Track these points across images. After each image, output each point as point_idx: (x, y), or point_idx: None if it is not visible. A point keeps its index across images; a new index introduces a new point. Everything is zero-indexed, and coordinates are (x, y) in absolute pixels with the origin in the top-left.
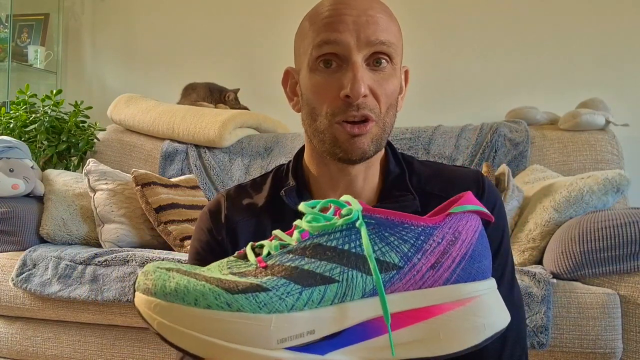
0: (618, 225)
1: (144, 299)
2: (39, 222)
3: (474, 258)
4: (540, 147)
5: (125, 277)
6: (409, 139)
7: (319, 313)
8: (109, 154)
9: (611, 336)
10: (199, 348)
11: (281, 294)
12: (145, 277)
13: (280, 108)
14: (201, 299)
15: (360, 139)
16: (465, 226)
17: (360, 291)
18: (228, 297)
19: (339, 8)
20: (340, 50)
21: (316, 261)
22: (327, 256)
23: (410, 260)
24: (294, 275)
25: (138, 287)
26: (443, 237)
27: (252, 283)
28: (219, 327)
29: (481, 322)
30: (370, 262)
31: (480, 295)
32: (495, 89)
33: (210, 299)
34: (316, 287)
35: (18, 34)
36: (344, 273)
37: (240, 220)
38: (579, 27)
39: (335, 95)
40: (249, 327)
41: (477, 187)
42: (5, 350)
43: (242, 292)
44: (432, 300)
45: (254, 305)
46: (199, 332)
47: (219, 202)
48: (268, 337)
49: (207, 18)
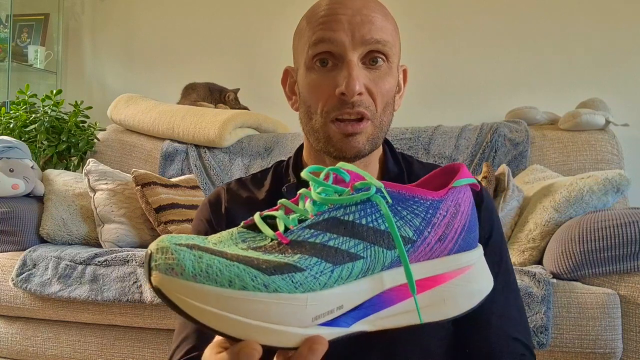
0: (618, 225)
1: (167, 280)
2: (39, 222)
3: (470, 229)
4: (540, 147)
5: (125, 277)
6: (409, 139)
7: (347, 288)
8: (109, 154)
9: (611, 336)
10: (236, 329)
11: (315, 273)
12: (165, 255)
13: (280, 108)
14: (236, 280)
15: (355, 137)
16: (463, 198)
17: (381, 265)
18: (265, 278)
19: (334, 8)
20: (336, 49)
21: (339, 237)
22: (347, 231)
23: (422, 234)
24: (323, 253)
25: (157, 267)
26: (447, 210)
27: (287, 263)
28: (257, 308)
29: (476, 288)
30: (395, 238)
31: (474, 263)
32: (495, 89)
33: (247, 281)
34: (345, 265)
35: (18, 34)
36: (367, 249)
37: (240, 213)
38: (579, 27)
39: (330, 93)
40: (286, 307)
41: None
42: (5, 350)
43: (278, 273)
44: (439, 270)
45: (290, 286)
46: (235, 313)
47: (219, 194)
48: (304, 315)
49: (207, 18)
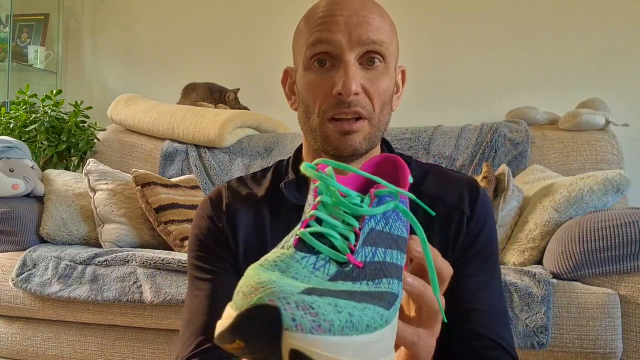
0: (618, 225)
1: (314, 341)
2: (39, 222)
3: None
4: (540, 147)
5: (125, 277)
6: (408, 139)
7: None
8: (109, 154)
9: (611, 336)
10: None
11: (398, 292)
12: (305, 311)
13: (280, 108)
14: (372, 322)
15: (352, 136)
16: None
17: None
18: (386, 313)
19: (332, 8)
20: (333, 49)
21: (387, 250)
22: (385, 242)
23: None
24: (393, 273)
25: (299, 326)
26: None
27: (386, 291)
28: (384, 345)
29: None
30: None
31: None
32: (495, 89)
33: (378, 321)
34: (400, 279)
35: (18, 34)
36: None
37: (240, 210)
38: (579, 27)
39: (327, 92)
40: (392, 335)
41: (470, 191)
42: (5, 350)
43: (388, 303)
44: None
45: (393, 314)
46: (370, 357)
47: (220, 191)
48: (392, 340)
49: (207, 18)
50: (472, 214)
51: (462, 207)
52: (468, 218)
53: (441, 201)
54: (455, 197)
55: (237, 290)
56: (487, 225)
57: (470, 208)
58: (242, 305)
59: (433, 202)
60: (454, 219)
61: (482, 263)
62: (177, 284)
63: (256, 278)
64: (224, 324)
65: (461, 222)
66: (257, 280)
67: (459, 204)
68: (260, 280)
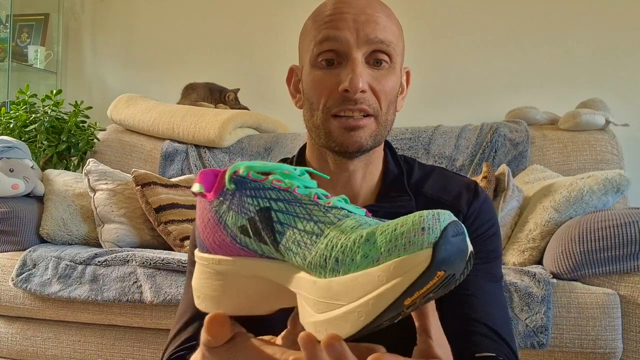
0: (618, 225)
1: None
2: (39, 222)
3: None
4: (540, 147)
5: (125, 277)
6: (409, 139)
7: None
8: (109, 154)
9: (611, 336)
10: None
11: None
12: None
13: (280, 108)
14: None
15: (357, 132)
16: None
17: None
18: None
19: (339, 7)
20: (340, 47)
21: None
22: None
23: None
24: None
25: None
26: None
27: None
28: None
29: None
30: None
31: None
32: (495, 89)
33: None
34: None
35: (18, 34)
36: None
37: None
38: (579, 27)
39: (333, 89)
40: None
41: (469, 192)
42: (5, 350)
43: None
44: None
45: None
46: None
47: None
48: None
49: (207, 18)
50: (469, 212)
51: (459, 206)
52: (464, 216)
53: (439, 202)
54: (453, 197)
55: (397, 241)
56: (486, 224)
57: (467, 207)
58: (427, 240)
59: (432, 203)
60: None
61: (483, 264)
62: (177, 284)
63: (404, 227)
64: (417, 268)
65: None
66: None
67: (455, 203)
68: (415, 220)
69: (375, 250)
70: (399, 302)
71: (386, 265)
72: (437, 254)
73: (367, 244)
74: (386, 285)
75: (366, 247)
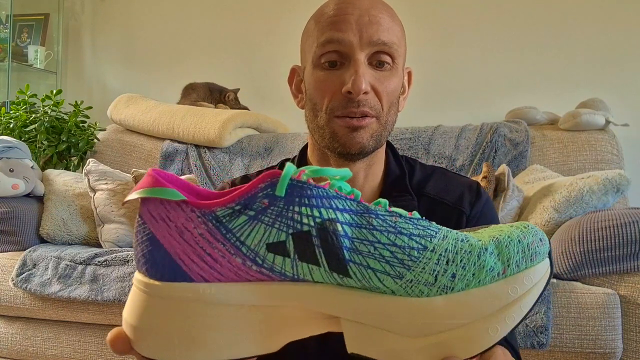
0: (618, 225)
1: None
2: (39, 222)
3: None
4: (540, 147)
5: (125, 277)
6: (409, 139)
7: None
8: (109, 154)
9: (611, 336)
10: None
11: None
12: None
13: (280, 108)
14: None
15: (360, 132)
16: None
17: None
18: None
19: (342, 8)
20: (343, 49)
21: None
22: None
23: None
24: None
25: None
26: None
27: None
28: None
29: None
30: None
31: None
32: (495, 89)
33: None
34: None
35: (18, 34)
36: None
37: None
38: (579, 27)
39: (336, 90)
40: None
41: (471, 193)
42: (5, 350)
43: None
44: None
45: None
46: None
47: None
48: None
49: (207, 18)
50: (472, 213)
51: (462, 207)
52: (467, 217)
53: (442, 202)
54: (456, 197)
55: (519, 247)
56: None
57: (470, 208)
58: (545, 250)
59: (434, 204)
60: (453, 219)
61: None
62: None
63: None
64: (544, 278)
65: (460, 221)
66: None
67: (458, 204)
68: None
69: (500, 264)
70: (530, 312)
71: (515, 277)
72: (552, 262)
73: (492, 257)
74: (520, 297)
75: (491, 260)
